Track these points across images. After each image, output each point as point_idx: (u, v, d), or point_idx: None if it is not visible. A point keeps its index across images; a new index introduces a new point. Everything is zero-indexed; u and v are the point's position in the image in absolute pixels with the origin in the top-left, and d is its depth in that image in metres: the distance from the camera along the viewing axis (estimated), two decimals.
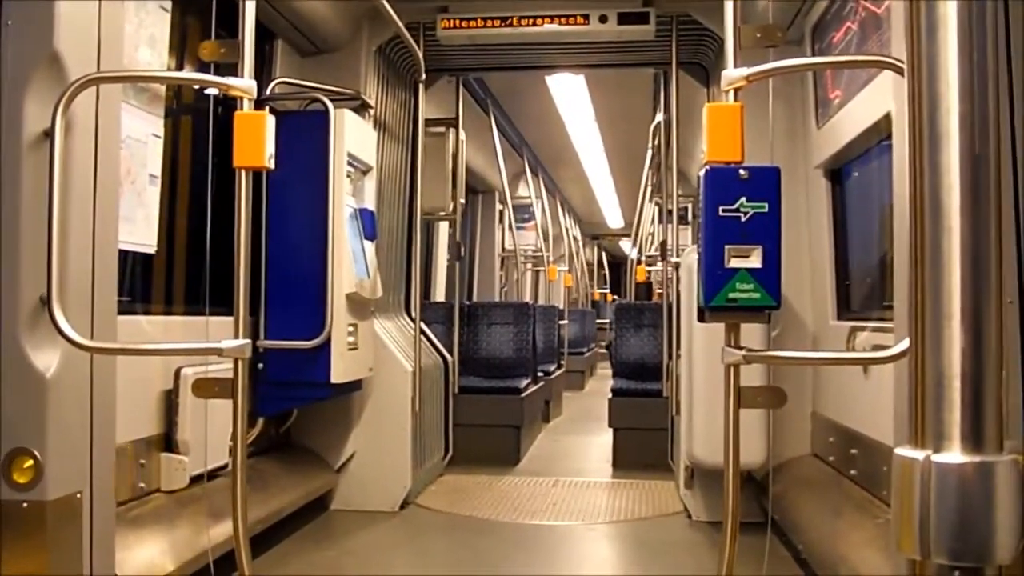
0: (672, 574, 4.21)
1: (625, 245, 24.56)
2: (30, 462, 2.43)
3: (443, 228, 9.86)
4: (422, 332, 5.79)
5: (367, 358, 4.99)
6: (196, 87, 4.14)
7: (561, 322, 11.08)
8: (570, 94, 8.50)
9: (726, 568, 2.53)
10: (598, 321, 17.15)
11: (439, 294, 9.96)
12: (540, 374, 8.41)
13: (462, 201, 6.65)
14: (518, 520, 5.18)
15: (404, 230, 5.96)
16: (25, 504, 2.43)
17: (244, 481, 2.68)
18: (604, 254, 24.34)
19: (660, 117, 7.04)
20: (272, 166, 2.71)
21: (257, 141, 2.64)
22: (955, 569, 0.97)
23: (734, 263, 2.42)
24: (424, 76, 5.66)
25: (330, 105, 4.47)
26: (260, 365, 4.44)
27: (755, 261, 2.42)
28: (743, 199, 2.41)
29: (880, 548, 3.02)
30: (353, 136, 4.67)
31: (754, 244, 2.42)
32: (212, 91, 4.05)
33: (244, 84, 2.69)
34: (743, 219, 2.41)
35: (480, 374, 7.42)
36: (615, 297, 23.79)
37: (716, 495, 4.82)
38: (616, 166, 12.64)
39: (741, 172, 2.43)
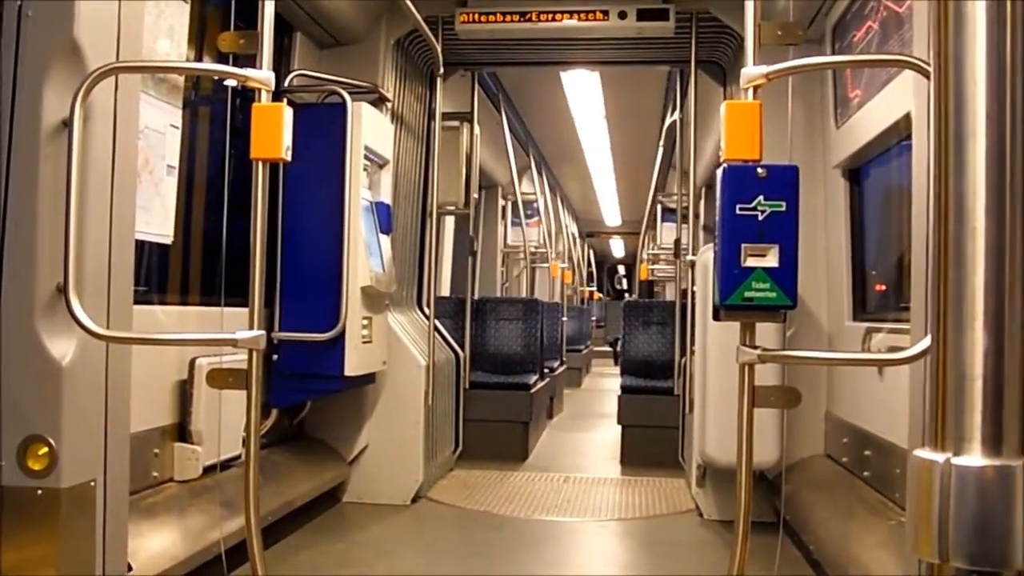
0: (683, 572, 4.21)
1: (615, 244, 24.86)
2: (45, 449, 2.45)
3: (448, 223, 9.87)
4: (434, 327, 5.80)
5: (381, 351, 5.00)
6: (214, 78, 4.15)
7: (563, 319, 11.11)
8: (583, 91, 8.46)
9: (737, 567, 2.53)
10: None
11: (444, 289, 9.97)
12: (546, 370, 8.42)
13: (475, 196, 6.65)
14: (530, 515, 5.18)
15: (417, 224, 5.96)
16: (39, 491, 2.45)
17: (257, 472, 2.69)
18: (592, 252, 24.46)
19: (674, 116, 7.01)
20: (289, 158, 2.71)
21: (274, 133, 2.64)
22: (973, 573, 0.96)
23: (751, 262, 2.40)
24: (442, 70, 5.66)
25: (348, 98, 4.47)
26: (274, 357, 4.45)
27: (772, 260, 2.40)
28: (761, 197, 2.40)
29: (892, 550, 3.00)
30: (370, 129, 4.67)
31: (771, 243, 2.40)
32: (230, 82, 4.05)
33: (262, 76, 2.69)
34: (760, 218, 2.40)
35: (489, 369, 7.42)
36: (600, 295, 24.26)
37: (728, 494, 4.81)
38: (620, 164, 12.60)
39: (759, 170, 2.41)
